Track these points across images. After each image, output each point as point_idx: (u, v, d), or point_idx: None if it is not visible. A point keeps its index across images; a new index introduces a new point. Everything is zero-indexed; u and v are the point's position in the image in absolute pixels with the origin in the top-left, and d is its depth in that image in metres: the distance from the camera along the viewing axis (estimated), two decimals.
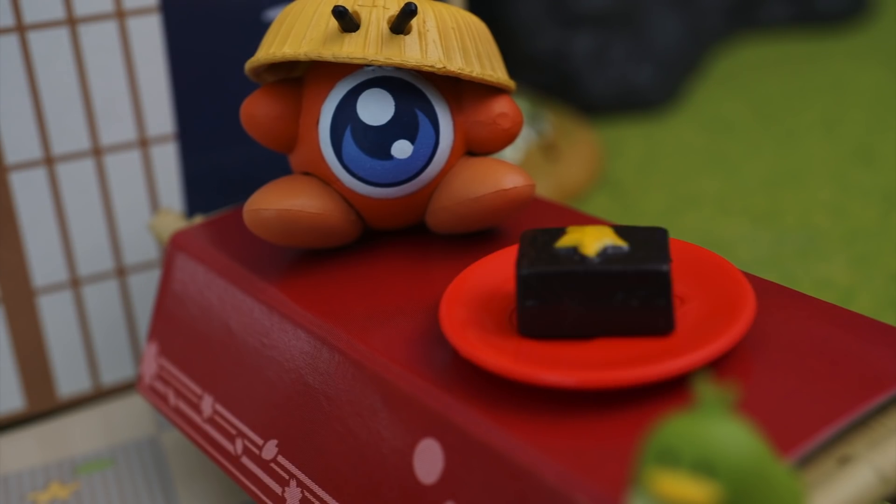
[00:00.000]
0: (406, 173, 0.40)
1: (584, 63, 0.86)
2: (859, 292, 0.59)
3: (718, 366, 0.34)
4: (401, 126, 0.40)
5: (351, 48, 0.38)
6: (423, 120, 0.40)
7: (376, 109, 0.39)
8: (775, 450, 0.30)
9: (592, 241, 0.34)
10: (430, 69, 0.39)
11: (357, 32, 0.39)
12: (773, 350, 0.34)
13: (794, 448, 0.30)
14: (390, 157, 0.40)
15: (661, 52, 0.87)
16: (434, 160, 0.40)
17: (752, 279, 0.38)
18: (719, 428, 0.25)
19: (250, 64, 0.41)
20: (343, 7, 0.38)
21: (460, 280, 0.37)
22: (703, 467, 0.25)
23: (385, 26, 0.39)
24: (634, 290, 0.33)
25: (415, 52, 0.39)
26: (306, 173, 0.42)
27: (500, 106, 0.41)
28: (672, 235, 0.67)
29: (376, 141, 0.39)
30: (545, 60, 0.87)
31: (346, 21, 0.38)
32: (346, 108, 0.40)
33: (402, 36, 0.39)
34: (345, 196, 0.41)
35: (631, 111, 0.86)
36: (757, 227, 0.67)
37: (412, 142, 0.40)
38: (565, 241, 0.34)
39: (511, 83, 0.42)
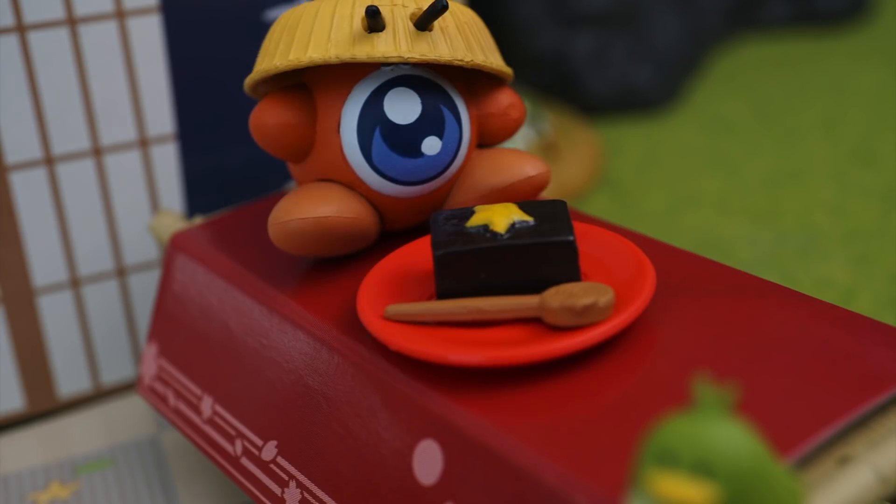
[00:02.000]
0: (435, 169, 0.40)
1: (584, 63, 0.86)
2: (859, 292, 0.59)
3: (718, 366, 0.33)
4: (429, 122, 0.40)
5: (385, 48, 0.38)
6: (447, 115, 0.40)
7: (404, 108, 0.39)
8: (775, 450, 0.30)
9: (501, 218, 0.36)
10: (461, 63, 0.39)
11: (384, 31, 0.39)
12: (773, 350, 0.34)
13: (793, 448, 0.30)
14: (421, 154, 0.40)
15: (661, 52, 0.87)
16: (458, 154, 0.41)
17: (753, 279, 0.38)
18: (718, 429, 0.25)
19: (263, 73, 0.40)
20: (376, 7, 0.37)
21: (375, 272, 0.38)
22: (702, 468, 0.25)
23: (409, 24, 0.39)
24: (544, 260, 0.35)
25: (443, 47, 0.39)
26: (321, 181, 0.41)
27: (508, 97, 0.42)
28: (672, 235, 0.67)
29: (407, 139, 0.39)
30: (545, 60, 0.87)
31: (377, 21, 0.38)
32: (373, 110, 0.40)
33: (427, 32, 0.39)
34: (369, 198, 0.41)
35: (631, 111, 0.86)
36: (757, 227, 0.67)
37: (440, 137, 0.40)
38: (475, 221, 0.37)
39: (509, 71, 0.42)
